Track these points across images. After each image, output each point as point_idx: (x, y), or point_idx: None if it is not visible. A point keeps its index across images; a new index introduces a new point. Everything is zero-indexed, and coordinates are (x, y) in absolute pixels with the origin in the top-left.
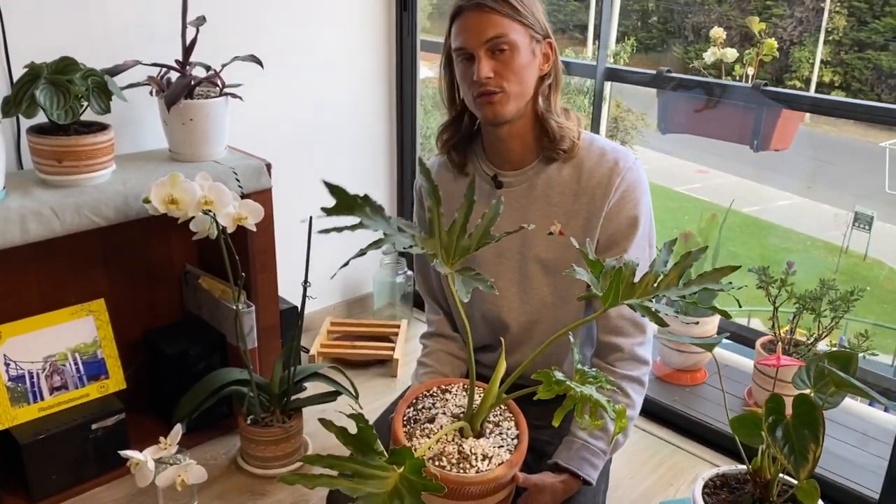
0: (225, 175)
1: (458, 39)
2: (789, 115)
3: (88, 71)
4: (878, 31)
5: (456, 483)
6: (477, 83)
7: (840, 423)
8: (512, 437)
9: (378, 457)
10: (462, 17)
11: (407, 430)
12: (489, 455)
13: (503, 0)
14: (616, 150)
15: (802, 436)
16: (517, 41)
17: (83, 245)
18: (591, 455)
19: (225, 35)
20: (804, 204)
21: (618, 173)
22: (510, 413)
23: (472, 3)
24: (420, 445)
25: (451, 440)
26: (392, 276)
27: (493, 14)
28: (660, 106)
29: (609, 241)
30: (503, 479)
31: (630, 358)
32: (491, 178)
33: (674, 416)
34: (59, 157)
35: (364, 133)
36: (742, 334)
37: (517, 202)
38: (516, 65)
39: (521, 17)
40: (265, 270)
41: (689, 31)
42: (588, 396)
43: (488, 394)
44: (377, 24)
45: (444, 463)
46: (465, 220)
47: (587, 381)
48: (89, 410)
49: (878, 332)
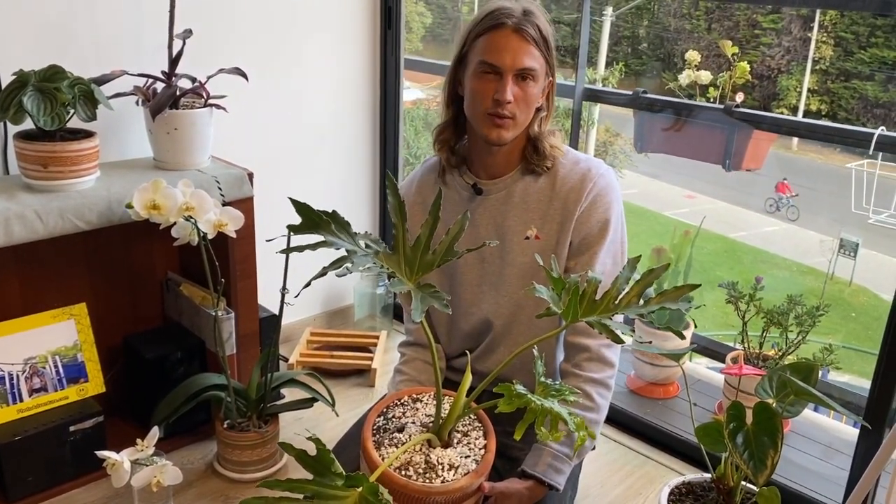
0: (207, 183)
1: (492, 55)
2: (760, 136)
3: (76, 79)
4: (865, 61)
5: (420, 492)
6: (497, 102)
7: (805, 435)
8: (479, 447)
9: (336, 478)
10: (500, 34)
11: (376, 439)
12: (456, 465)
13: (539, 33)
14: (589, 160)
15: (762, 442)
16: (539, 76)
17: (66, 249)
18: (558, 462)
19: (211, 48)
20: (791, 229)
21: (590, 179)
22: (479, 423)
23: (513, 24)
24: (388, 455)
25: (419, 450)
26: (373, 288)
27: (531, 45)
28: (636, 126)
29: (581, 245)
30: (468, 489)
31: (596, 359)
32: (471, 186)
33: (645, 428)
34: (44, 162)
35: (347, 147)
36: (713, 348)
37: (496, 208)
38: (531, 96)
39: (546, 54)
40: (245, 278)
41: (678, 57)
42: (548, 409)
43: (455, 405)
44: (362, 41)
45: (411, 472)
46: (429, 236)
47: (550, 394)
48: (68, 413)
49: (865, 357)
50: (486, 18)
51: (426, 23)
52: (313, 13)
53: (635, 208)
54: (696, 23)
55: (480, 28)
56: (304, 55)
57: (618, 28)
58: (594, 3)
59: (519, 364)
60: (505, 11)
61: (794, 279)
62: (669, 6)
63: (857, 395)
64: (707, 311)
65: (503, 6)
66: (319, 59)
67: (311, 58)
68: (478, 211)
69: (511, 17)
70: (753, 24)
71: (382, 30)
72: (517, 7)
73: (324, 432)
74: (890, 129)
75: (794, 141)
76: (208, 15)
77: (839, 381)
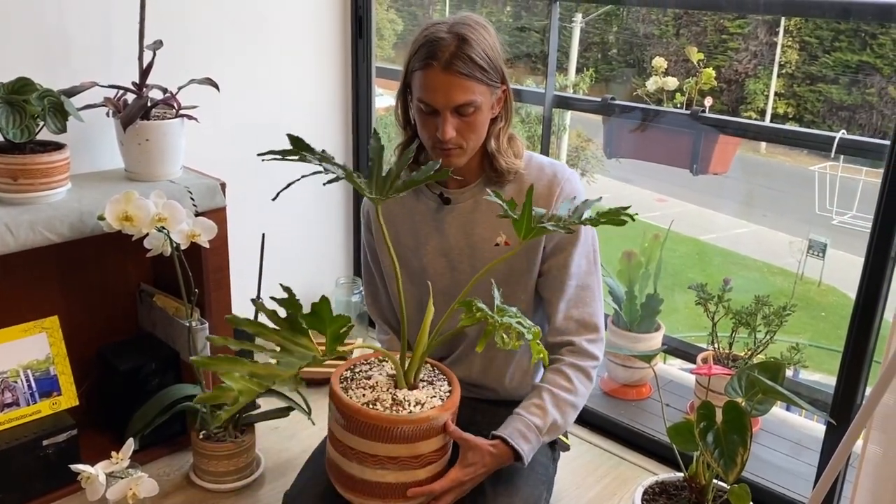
0: (180, 194)
1: (424, 94)
2: (726, 140)
3: (45, 91)
4: (829, 65)
5: (387, 422)
6: (439, 140)
7: (775, 433)
8: (445, 391)
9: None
10: (430, 73)
11: (343, 385)
12: (422, 402)
13: (472, 63)
14: (553, 164)
15: (732, 440)
16: (481, 103)
17: (38, 262)
18: (527, 430)
19: (181, 58)
20: (761, 231)
21: (557, 184)
22: (443, 375)
23: (442, 65)
24: (356, 396)
25: (386, 390)
26: (348, 296)
27: (462, 79)
28: (605, 132)
29: (556, 248)
30: (435, 421)
31: (578, 351)
32: (438, 196)
33: (618, 429)
34: (14, 174)
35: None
36: (684, 349)
37: (464, 217)
38: (476, 124)
39: (486, 78)
40: (219, 288)
41: (647, 63)
42: (506, 324)
43: (419, 341)
44: (333, 50)
45: (379, 408)
46: (399, 170)
47: (506, 316)
48: (40, 427)
49: (835, 356)
50: (417, 54)
51: (397, 30)
52: (284, 22)
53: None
54: (664, 28)
55: (414, 64)
56: (276, 64)
57: (588, 34)
58: (563, 10)
59: (486, 368)
60: (435, 46)
61: (764, 280)
62: (638, 12)
63: (826, 392)
64: (678, 313)
65: (434, 36)
66: (291, 67)
67: (282, 67)
68: (446, 220)
69: (440, 53)
70: (721, 30)
71: (354, 39)
72: (449, 37)
73: (300, 441)
74: (852, 133)
75: (762, 145)
76: (179, 25)
77: (810, 379)
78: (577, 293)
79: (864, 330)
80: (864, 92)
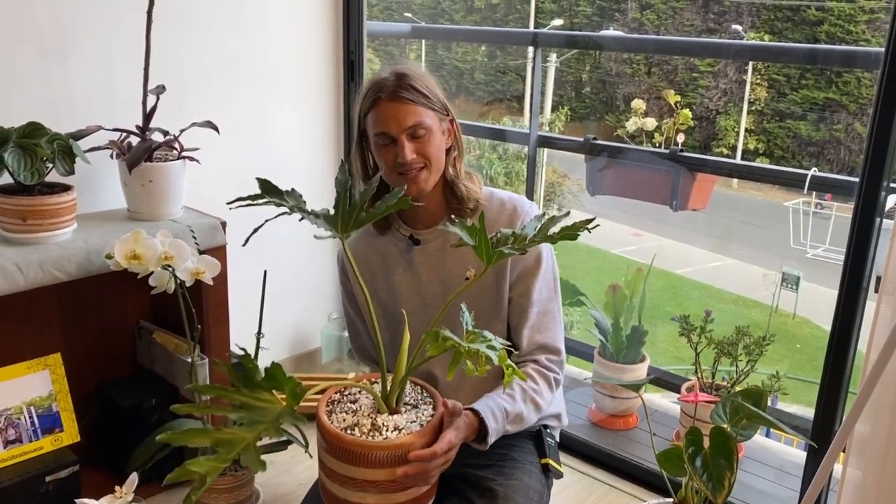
0: (182, 233)
1: (380, 126)
2: (704, 177)
3: (54, 135)
4: (797, 102)
5: (361, 448)
6: (402, 164)
7: (758, 459)
8: (427, 416)
9: (262, 390)
10: (381, 107)
11: (329, 408)
12: (400, 427)
13: (415, 91)
14: (513, 198)
15: (719, 464)
16: (431, 125)
17: (41, 300)
18: (494, 405)
19: (183, 102)
20: (735, 265)
21: (518, 216)
22: (430, 398)
23: (388, 95)
24: (339, 420)
25: (367, 415)
26: (340, 330)
27: (409, 104)
28: (588, 170)
29: (518, 278)
30: (410, 447)
31: (542, 366)
32: (408, 238)
33: (607, 458)
34: (23, 216)
35: (317, 192)
36: (667, 380)
37: (435, 256)
38: (433, 145)
39: (430, 104)
40: (219, 324)
41: (619, 101)
42: (474, 351)
43: (398, 367)
44: (327, 93)
45: (357, 433)
46: (363, 201)
47: (476, 341)
48: (43, 463)
49: (812, 387)
50: (366, 97)
51: (374, 69)
52: (281, 66)
53: (585, 247)
54: (636, 67)
55: (364, 107)
56: (273, 107)
57: (562, 73)
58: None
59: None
60: (379, 85)
61: (740, 312)
62: (610, 52)
63: (805, 421)
64: (658, 345)
65: (377, 80)
66: (288, 110)
67: (279, 109)
68: (417, 260)
69: (385, 88)
70: (691, 68)
71: (346, 81)
72: (389, 77)
73: (298, 473)
74: (822, 170)
75: (734, 180)
76: (180, 71)
77: (788, 410)
78: (539, 319)
79: (839, 361)
80: (832, 128)
